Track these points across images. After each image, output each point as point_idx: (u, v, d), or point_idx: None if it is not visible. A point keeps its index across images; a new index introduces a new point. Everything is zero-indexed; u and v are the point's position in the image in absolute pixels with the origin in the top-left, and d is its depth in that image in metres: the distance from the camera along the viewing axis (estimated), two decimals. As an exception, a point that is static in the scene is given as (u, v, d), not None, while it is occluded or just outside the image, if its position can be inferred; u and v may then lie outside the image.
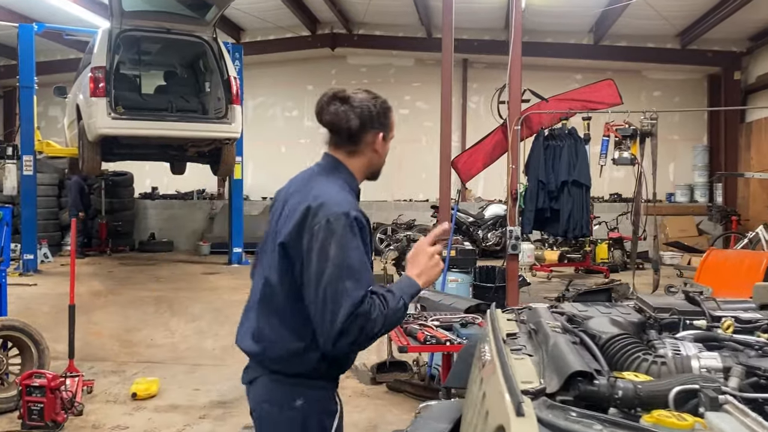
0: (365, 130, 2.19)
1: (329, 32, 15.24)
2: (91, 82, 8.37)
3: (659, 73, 14.98)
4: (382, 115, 2.22)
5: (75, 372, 5.56)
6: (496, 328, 1.75)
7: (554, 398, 1.25)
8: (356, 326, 1.91)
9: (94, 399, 5.54)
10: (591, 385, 1.28)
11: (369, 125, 2.19)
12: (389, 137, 2.27)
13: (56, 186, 13.38)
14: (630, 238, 12.28)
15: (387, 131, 2.24)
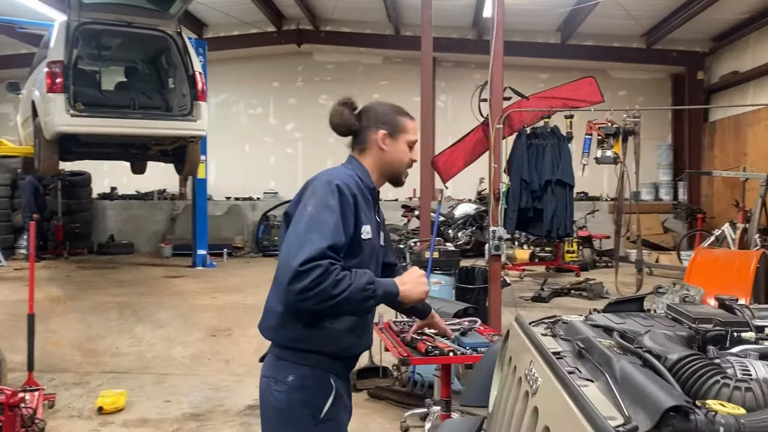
0: (367, 128, 2.41)
1: (295, 28, 14.94)
2: (48, 78, 7.94)
3: (624, 72, 15.11)
4: (386, 115, 2.42)
5: (35, 386, 5.21)
6: (541, 345, 1.56)
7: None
8: (312, 275, 2.02)
9: (57, 414, 5.20)
10: (686, 421, 1.10)
11: (370, 123, 2.41)
12: (400, 138, 2.42)
13: (8, 186, 12.79)
14: (599, 236, 12.40)
15: (394, 130, 2.41)
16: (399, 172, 2.46)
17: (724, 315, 1.97)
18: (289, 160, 15.77)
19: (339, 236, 2.13)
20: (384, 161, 2.41)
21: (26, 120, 9.62)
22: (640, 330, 1.75)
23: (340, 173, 2.29)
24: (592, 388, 1.32)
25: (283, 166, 15.65)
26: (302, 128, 15.71)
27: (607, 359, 1.40)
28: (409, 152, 2.45)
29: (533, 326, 1.97)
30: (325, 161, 15.66)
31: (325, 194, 2.17)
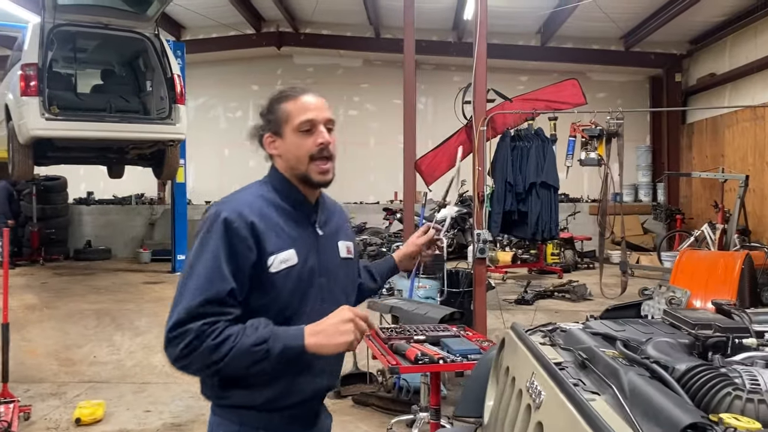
0: (260, 137, 2.00)
1: (275, 31, 14.82)
2: (22, 81, 7.77)
3: (603, 74, 15.21)
4: (265, 112, 1.98)
5: (10, 397, 5.07)
6: (543, 357, 1.50)
7: (665, 458, 1.01)
8: (183, 341, 1.70)
9: (33, 427, 5.05)
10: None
11: (259, 130, 2.00)
12: (286, 130, 1.93)
13: (-18, 192, 12.49)
14: (580, 238, 12.45)
15: (276, 126, 1.94)
16: (303, 172, 1.92)
17: (723, 320, 1.93)
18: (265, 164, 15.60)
19: (219, 285, 1.74)
20: (287, 167, 1.95)
21: (0, 124, 9.41)
22: (641, 338, 1.70)
23: (240, 197, 1.90)
24: (599, 402, 1.26)
25: (263, 170, 15.34)
26: (282, 131, 15.59)
27: (613, 371, 1.35)
28: (307, 138, 1.91)
29: (530, 334, 1.91)
30: (305, 164, 15.61)
31: (206, 234, 1.80)
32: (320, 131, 1.91)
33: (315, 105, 1.94)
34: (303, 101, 1.93)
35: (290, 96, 1.95)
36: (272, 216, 1.87)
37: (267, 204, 1.89)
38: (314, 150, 1.90)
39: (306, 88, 1.99)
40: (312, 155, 1.90)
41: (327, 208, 2.08)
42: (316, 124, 1.91)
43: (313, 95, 1.96)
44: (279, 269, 1.83)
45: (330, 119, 1.95)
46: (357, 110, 15.53)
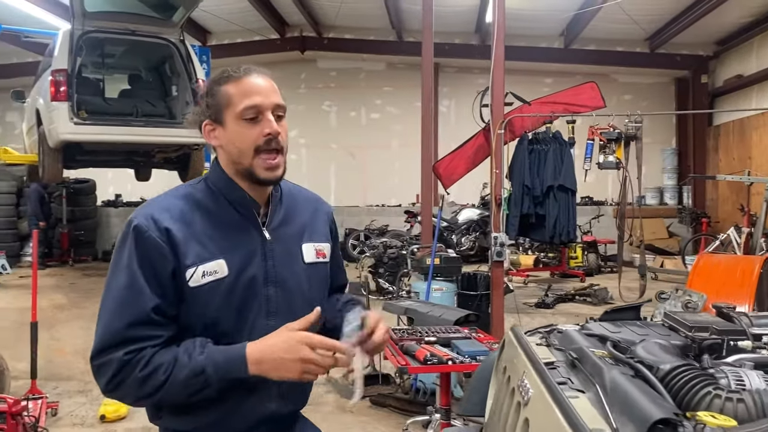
0: (198, 124, 1.71)
1: (299, 35, 14.98)
2: (52, 86, 8.00)
3: (628, 76, 15.09)
4: (207, 94, 1.68)
5: (38, 394, 5.23)
6: (533, 356, 1.55)
7: (635, 452, 1.06)
8: (107, 373, 1.50)
9: (60, 422, 5.21)
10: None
11: (198, 116, 1.71)
12: (227, 117, 1.63)
13: (14, 194, 12.82)
14: (603, 242, 12.35)
15: (216, 112, 1.65)
16: (247, 166, 1.63)
17: (720, 323, 1.95)
18: (292, 167, 15.56)
19: (140, 303, 1.52)
20: (228, 161, 1.67)
21: (31, 128, 9.68)
22: (635, 339, 1.74)
23: (160, 200, 1.65)
24: (582, 400, 1.31)
25: (287, 172, 15.60)
26: (306, 135, 15.74)
27: (598, 370, 1.39)
28: (252, 127, 1.61)
29: (529, 335, 1.96)
30: (328, 167, 15.75)
31: (119, 246, 1.59)
32: (267, 119, 1.61)
33: (261, 88, 1.63)
34: (247, 83, 1.62)
35: (232, 77, 1.64)
36: (196, 221, 1.61)
37: (192, 207, 1.63)
38: (260, 141, 1.61)
39: (252, 68, 1.67)
40: (257, 147, 1.61)
41: (287, 206, 1.78)
42: (263, 110, 1.62)
43: (260, 76, 1.66)
44: (201, 283, 1.57)
45: (279, 105, 1.65)
46: (379, 113, 15.62)
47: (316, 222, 1.84)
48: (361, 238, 13.28)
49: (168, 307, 1.55)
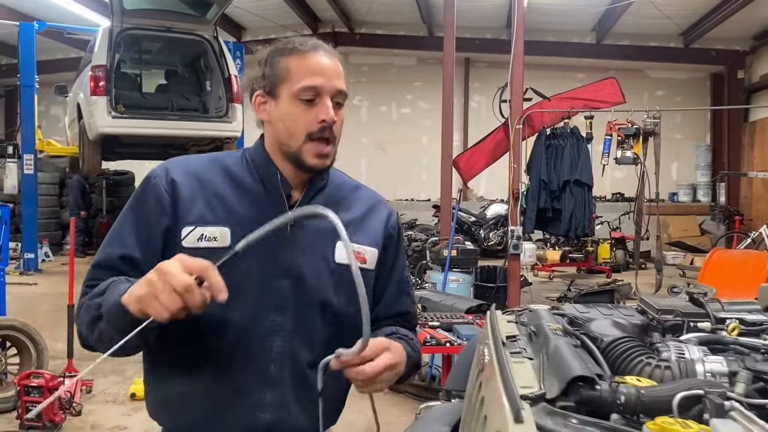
0: (249, 94, 1.53)
1: (331, 31, 15.21)
2: (92, 81, 8.36)
3: (662, 72, 14.93)
4: (263, 63, 1.50)
5: (74, 372, 5.53)
6: (495, 330, 1.71)
7: (554, 404, 1.21)
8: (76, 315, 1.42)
9: (93, 399, 5.51)
10: (592, 390, 1.24)
11: (251, 82, 1.52)
12: (282, 92, 1.45)
13: (57, 185, 13.37)
14: (632, 238, 12.29)
15: (271, 83, 1.47)
16: (293, 150, 1.45)
17: (687, 307, 2.08)
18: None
19: (112, 249, 1.42)
20: (274, 140, 1.50)
21: (72, 121, 10.11)
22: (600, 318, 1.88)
23: (187, 157, 1.57)
24: (527, 365, 1.46)
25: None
26: (337, 129, 15.99)
27: (547, 340, 1.55)
28: (307, 110, 1.43)
29: (506, 315, 2.11)
30: (359, 161, 15.95)
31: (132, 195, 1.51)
32: (325, 105, 1.44)
33: (326, 68, 1.45)
34: (312, 60, 1.44)
35: (297, 50, 1.46)
36: (213, 182, 1.46)
37: (216, 169, 1.49)
38: (313, 127, 1.44)
39: (321, 44, 1.49)
40: (310, 133, 1.44)
41: (330, 197, 1.57)
42: (322, 94, 1.44)
43: (327, 54, 1.47)
44: (195, 246, 1.39)
45: (341, 90, 1.47)
46: (410, 108, 15.77)
47: (367, 223, 1.60)
48: (389, 232, 13.46)
49: (145, 260, 1.38)
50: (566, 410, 1.18)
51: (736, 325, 1.88)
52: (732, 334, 1.82)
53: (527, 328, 1.83)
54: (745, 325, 1.97)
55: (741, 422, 1.10)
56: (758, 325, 1.96)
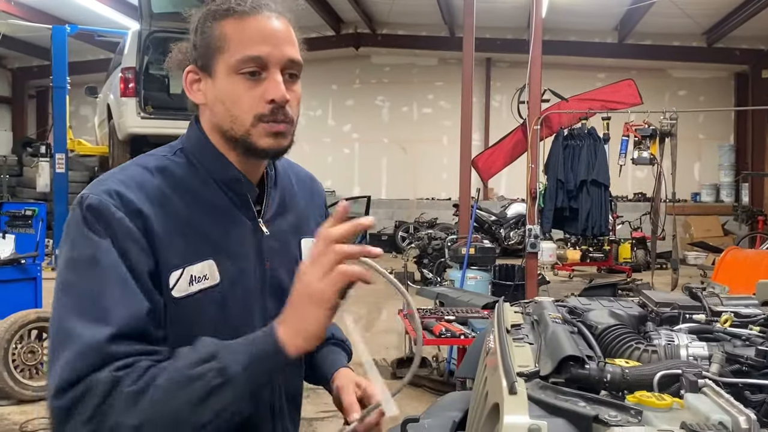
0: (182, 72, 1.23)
1: (353, 32, 15.40)
2: (122, 83, 8.64)
3: (685, 71, 14.87)
4: (194, 31, 1.20)
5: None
6: (500, 319, 1.86)
7: (547, 380, 1.36)
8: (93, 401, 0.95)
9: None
10: (582, 369, 1.38)
11: (178, 60, 1.25)
12: (218, 66, 1.16)
13: (86, 183, 13.62)
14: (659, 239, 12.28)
15: (206, 56, 1.17)
16: (240, 134, 1.16)
17: (686, 301, 2.21)
18: (346, 160, 16.29)
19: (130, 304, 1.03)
20: (213, 125, 1.20)
21: (102, 121, 10.42)
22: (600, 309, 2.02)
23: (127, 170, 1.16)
24: (527, 348, 1.61)
25: (340, 166, 16.18)
26: (359, 129, 16.18)
27: (546, 327, 1.69)
28: (252, 87, 1.14)
29: (513, 306, 2.27)
30: (380, 160, 16.13)
31: (73, 238, 1.07)
32: (274, 80, 1.15)
33: (272, 33, 1.16)
34: (253, 24, 1.15)
35: (234, 11, 1.15)
36: (177, 205, 1.14)
37: (171, 186, 1.15)
38: (262, 108, 1.15)
39: (265, 3, 1.18)
40: (259, 115, 1.15)
41: (283, 189, 1.34)
42: (270, 66, 1.15)
43: (273, 16, 1.18)
44: (188, 292, 1.12)
45: (293, 60, 1.18)
46: (431, 108, 15.90)
47: (311, 209, 1.43)
48: (410, 231, 13.62)
49: (159, 318, 1.08)
50: (557, 386, 1.33)
51: (729, 316, 2.01)
52: (725, 325, 1.95)
53: (531, 318, 1.98)
54: (738, 318, 2.10)
55: (711, 396, 1.24)
56: (751, 317, 2.09)
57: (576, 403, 1.20)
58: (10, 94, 17.32)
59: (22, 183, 14.05)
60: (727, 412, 1.13)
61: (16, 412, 4.95)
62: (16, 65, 17.02)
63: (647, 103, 6.98)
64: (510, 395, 1.24)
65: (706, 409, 1.17)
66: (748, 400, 1.36)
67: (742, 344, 1.58)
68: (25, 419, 4.77)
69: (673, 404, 1.22)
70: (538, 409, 1.20)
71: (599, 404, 1.22)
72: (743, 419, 1.09)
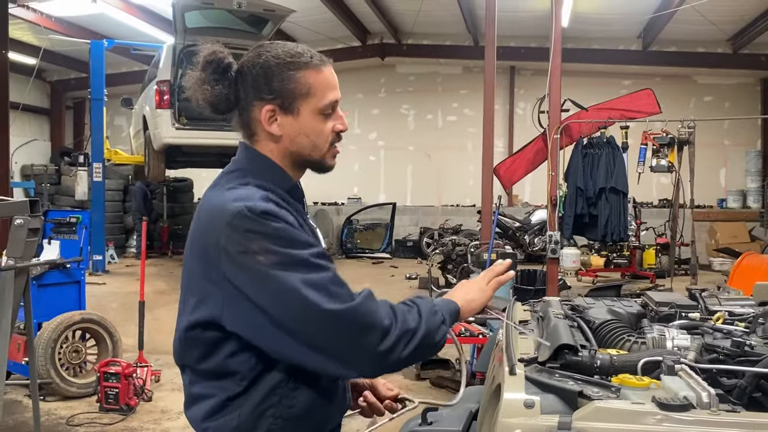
0: (245, 101, 1.53)
1: (379, 42, 15.67)
2: (157, 95, 9.01)
3: (710, 77, 14.83)
4: (271, 73, 1.50)
5: (144, 362, 6.06)
6: (509, 316, 2.08)
7: (544, 365, 1.58)
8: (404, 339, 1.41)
9: (162, 387, 6.03)
10: (575, 356, 1.60)
11: (248, 92, 1.53)
12: (302, 107, 1.50)
13: (122, 191, 14.17)
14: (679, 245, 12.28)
15: (288, 98, 1.49)
16: (316, 158, 1.56)
17: (683, 301, 2.40)
18: (371, 167, 16.56)
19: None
20: (286, 152, 1.54)
21: (138, 132, 10.82)
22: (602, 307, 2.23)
23: (249, 193, 1.45)
24: (529, 340, 1.83)
25: (367, 173, 16.46)
26: (384, 137, 16.44)
27: (549, 321, 1.91)
28: (327, 122, 1.53)
29: (524, 305, 2.48)
30: (405, 167, 16.35)
31: (263, 240, 1.37)
32: (339, 115, 1.57)
33: (336, 81, 1.57)
34: (329, 75, 1.53)
35: (311, 64, 1.50)
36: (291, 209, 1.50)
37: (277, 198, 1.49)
38: (333, 138, 1.56)
39: (323, 56, 1.56)
40: (331, 142, 1.56)
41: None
42: (336, 104, 1.56)
43: (331, 65, 1.57)
44: None
45: None
46: (456, 116, 16.08)
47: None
48: (435, 237, 13.79)
49: None
50: (553, 369, 1.54)
51: (722, 314, 2.21)
52: (717, 322, 2.14)
53: (538, 314, 2.19)
54: (732, 316, 2.29)
55: (684, 378, 1.45)
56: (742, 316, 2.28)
57: (566, 382, 1.42)
58: (49, 106, 17.93)
59: (61, 191, 14.56)
60: (694, 390, 1.34)
61: (62, 407, 5.27)
62: (55, 78, 17.63)
63: (672, 109, 7.10)
64: (510, 376, 1.46)
65: (677, 388, 1.38)
66: (722, 384, 1.56)
67: (721, 337, 1.77)
68: (71, 414, 5.09)
69: (650, 384, 1.43)
70: (534, 387, 1.42)
71: (586, 384, 1.44)
72: (705, 395, 1.30)
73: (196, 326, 1.46)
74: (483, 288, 1.66)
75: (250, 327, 1.38)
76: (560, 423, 1.25)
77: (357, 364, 1.40)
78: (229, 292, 1.38)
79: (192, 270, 1.49)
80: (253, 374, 1.44)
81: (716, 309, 2.37)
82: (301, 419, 1.47)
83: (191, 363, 1.51)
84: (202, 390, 1.49)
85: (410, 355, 1.41)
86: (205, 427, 1.49)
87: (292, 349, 1.36)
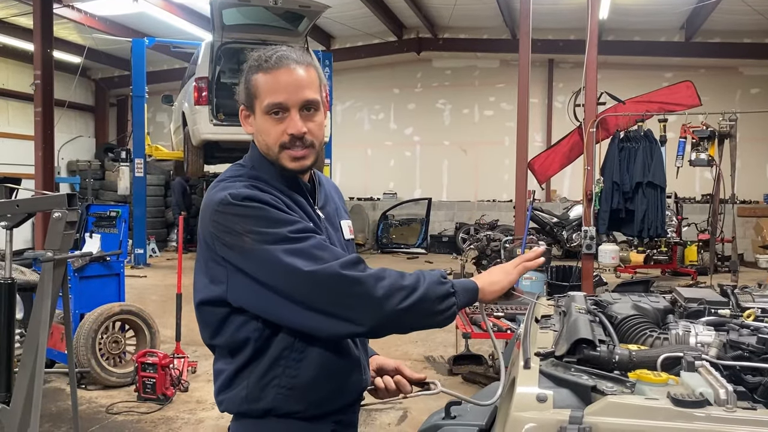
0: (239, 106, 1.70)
1: (415, 37, 15.64)
2: (195, 92, 9.17)
3: (757, 69, 14.38)
4: (243, 78, 1.66)
5: (181, 354, 6.19)
6: (531, 310, 2.07)
7: (561, 360, 1.57)
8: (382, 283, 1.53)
9: (198, 378, 6.15)
10: (594, 350, 1.58)
11: (238, 100, 1.70)
12: (256, 108, 1.62)
13: (163, 187, 14.49)
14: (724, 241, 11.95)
15: (248, 100, 1.64)
16: (273, 159, 1.63)
17: (713, 296, 2.34)
18: (407, 163, 16.56)
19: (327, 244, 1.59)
20: (261, 150, 1.67)
21: (177, 128, 11.04)
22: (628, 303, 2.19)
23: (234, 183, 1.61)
24: (550, 334, 1.82)
25: (402, 168, 16.47)
26: (420, 132, 16.41)
27: (571, 316, 1.89)
28: (277, 124, 1.59)
29: (549, 300, 2.46)
30: (441, 163, 16.30)
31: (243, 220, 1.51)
32: (292, 119, 1.58)
33: (289, 84, 1.57)
34: (274, 78, 1.58)
35: (262, 67, 1.60)
36: (281, 195, 1.60)
37: (265, 186, 1.61)
38: (285, 139, 1.59)
39: (285, 58, 1.60)
40: (282, 144, 1.60)
41: (324, 187, 1.82)
42: (289, 108, 1.58)
43: (291, 68, 1.59)
44: None
45: (309, 100, 1.60)
46: (493, 110, 15.95)
47: (340, 203, 1.91)
48: (470, 232, 13.73)
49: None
50: (569, 364, 1.53)
51: (753, 311, 2.15)
52: (748, 319, 2.09)
53: (561, 309, 2.17)
54: (763, 313, 2.23)
55: (703, 375, 1.42)
56: (775, 312, 2.21)
57: (580, 377, 1.41)
58: (93, 103, 18.43)
59: (104, 186, 14.98)
60: (712, 386, 1.31)
61: (102, 396, 5.42)
62: (99, 76, 18.10)
63: (716, 102, 6.93)
64: (524, 369, 1.45)
65: (695, 384, 1.36)
66: (746, 381, 1.52)
67: (748, 333, 1.73)
68: (111, 402, 5.23)
69: (668, 380, 1.41)
70: (548, 381, 1.41)
71: (601, 378, 1.42)
72: (723, 391, 1.27)
73: (207, 303, 1.61)
74: (508, 271, 1.69)
75: (250, 298, 1.52)
76: (571, 417, 1.25)
77: (356, 316, 1.47)
78: (229, 270, 1.53)
79: (201, 255, 1.65)
80: (258, 344, 1.56)
81: (749, 306, 2.31)
82: (307, 389, 1.57)
83: (208, 340, 1.67)
84: (220, 366, 1.64)
85: (408, 310, 1.48)
86: (221, 399, 1.64)
87: (293, 313, 1.47)
